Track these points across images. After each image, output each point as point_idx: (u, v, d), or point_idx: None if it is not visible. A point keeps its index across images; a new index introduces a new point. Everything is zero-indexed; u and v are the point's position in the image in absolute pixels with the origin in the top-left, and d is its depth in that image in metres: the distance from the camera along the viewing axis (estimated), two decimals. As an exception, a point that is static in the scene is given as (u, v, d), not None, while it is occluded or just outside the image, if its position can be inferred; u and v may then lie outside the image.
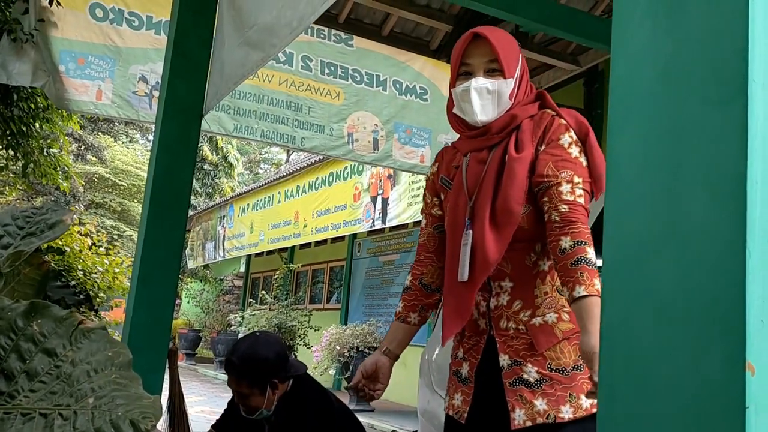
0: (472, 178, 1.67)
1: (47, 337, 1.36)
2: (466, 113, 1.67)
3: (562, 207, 1.52)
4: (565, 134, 1.59)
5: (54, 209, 2.01)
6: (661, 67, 0.76)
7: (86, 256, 4.76)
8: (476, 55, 1.66)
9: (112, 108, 4.69)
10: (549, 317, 1.59)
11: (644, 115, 0.77)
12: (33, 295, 2.40)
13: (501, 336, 1.63)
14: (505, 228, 1.57)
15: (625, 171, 0.79)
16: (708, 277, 0.67)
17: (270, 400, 2.20)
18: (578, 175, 1.55)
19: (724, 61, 0.68)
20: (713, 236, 0.67)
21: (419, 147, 5.71)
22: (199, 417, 6.87)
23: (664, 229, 0.72)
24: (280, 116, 5.24)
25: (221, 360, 13.31)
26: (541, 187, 1.57)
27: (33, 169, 5.08)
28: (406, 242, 10.35)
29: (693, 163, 0.70)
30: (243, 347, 2.24)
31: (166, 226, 3.40)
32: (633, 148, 0.78)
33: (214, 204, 15.23)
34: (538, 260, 1.63)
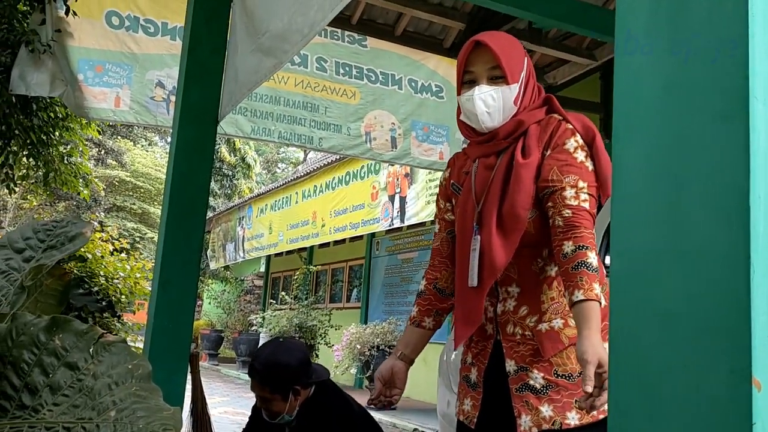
0: (480, 183, 1.68)
1: (69, 351, 1.38)
2: (472, 120, 1.68)
3: (565, 212, 1.53)
4: (570, 139, 1.59)
5: (74, 222, 2.04)
6: (663, 83, 0.76)
7: (108, 262, 4.82)
8: (478, 62, 1.67)
9: (130, 114, 4.74)
10: (555, 323, 1.59)
11: (647, 131, 0.78)
12: (56, 305, 2.44)
13: (508, 341, 1.64)
14: (512, 233, 1.58)
15: (629, 185, 0.79)
16: (713, 292, 0.68)
17: (292, 406, 2.22)
18: (583, 180, 1.56)
19: (725, 78, 0.69)
20: (717, 251, 0.68)
21: (437, 144, 5.71)
22: (222, 418, 6.93)
23: (669, 245, 0.72)
24: (297, 117, 5.26)
25: (243, 360, 13.41)
26: (546, 192, 1.58)
27: (54, 177, 5.15)
28: (424, 240, 10.35)
29: (696, 179, 0.71)
30: (266, 353, 2.26)
31: (185, 231, 3.44)
32: (636, 163, 0.79)
33: (233, 205, 15.32)
34: (545, 266, 1.64)
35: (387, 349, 8.33)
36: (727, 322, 0.66)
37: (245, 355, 13.51)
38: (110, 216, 26.62)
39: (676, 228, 0.72)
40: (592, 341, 1.38)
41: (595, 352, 1.36)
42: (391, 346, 8.38)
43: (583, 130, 1.61)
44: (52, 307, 2.45)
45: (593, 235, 1.52)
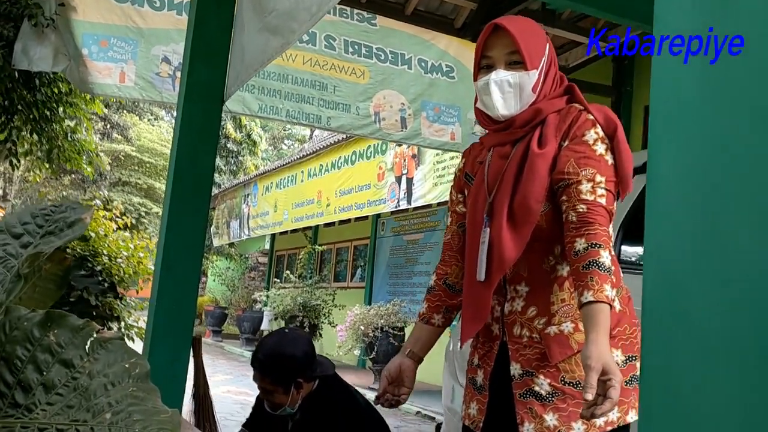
0: (493, 173, 1.60)
1: (64, 348, 1.32)
2: (488, 107, 1.60)
3: (580, 207, 1.44)
4: (590, 130, 1.50)
5: (73, 207, 1.97)
6: (705, 84, 0.68)
7: (111, 241, 4.76)
8: (497, 46, 1.58)
9: (135, 90, 4.66)
10: (565, 326, 1.50)
11: (685, 141, 0.69)
12: (55, 290, 2.38)
13: (514, 343, 1.56)
14: (523, 226, 1.50)
15: (664, 190, 0.71)
16: (755, 313, 0.61)
17: (294, 399, 2.17)
18: (601, 174, 1.46)
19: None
20: (760, 271, 0.60)
21: (449, 125, 5.62)
22: (225, 397, 6.92)
23: (707, 263, 0.65)
24: (305, 95, 5.17)
25: (247, 337, 13.44)
26: (561, 184, 1.48)
27: (58, 154, 5.08)
28: (430, 221, 10.28)
29: (739, 192, 0.63)
30: (270, 344, 2.20)
31: (189, 214, 3.37)
32: (673, 167, 0.71)
33: (238, 182, 15.26)
34: (556, 264, 1.55)
35: (391, 331, 8.30)
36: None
37: (249, 332, 13.54)
38: (116, 191, 26.61)
39: (713, 237, 0.65)
40: (599, 346, 1.30)
41: (600, 357, 1.28)
42: (395, 328, 8.35)
43: (605, 122, 1.52)
44: (52, 291, 2.39)
45: (608, 234, 1.43)
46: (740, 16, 0.61)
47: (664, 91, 0.72)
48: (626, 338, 1.51)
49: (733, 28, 0.61)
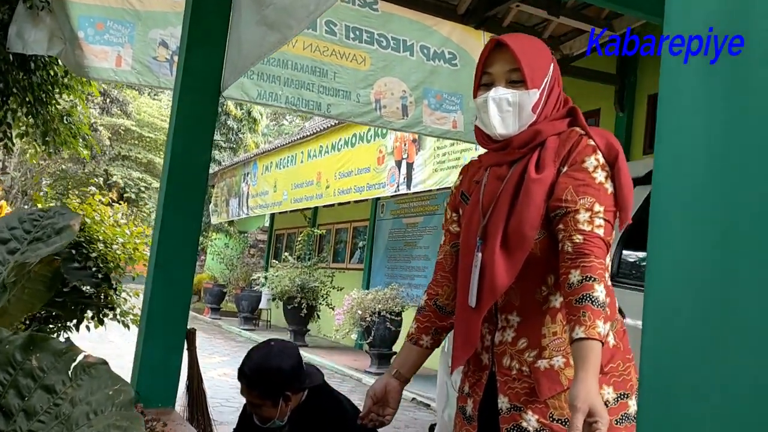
0: (489, 194, 1.55)
1: (46, 373, 1.29)
2: (486, 125, 1.55)
3: (576, 237, 1.38)
4: (591, 156, 1.44)
5: (61, 212, 1.93)
6: (713, 155, 0.63)
7: (107, 227, 4.72)
8: (497, 63, 1.53)
9: (132, 74, 4.59)
10: (556, 361, 1.44)
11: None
12: (44, 291, 2.34)
13: (503, 375, 1.51)
14: (516, 252, 1.44)
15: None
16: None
17: (282, 412, 2.13)
18: (600, 203, 1.40)
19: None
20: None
21: (451, 113, 5.55)
22: (221, 382, 6.93)
23: (716, 312, 0.61)
24: (305, 82, 5.09)
25: (245, 316, 13.47)
26: (558, 212, 1.42)
27: (53, 137, 5.02)
28: (430, 205, 10.23)
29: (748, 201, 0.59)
30: (256, 358, 2.16)
31: (183, 210, 3.33)
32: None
33: (238, 161, 15.19)
34: (549, 295, 1.49)
35: (388, 316, 8.29)
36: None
37: (247, 311, 13.57)
38: (115, 165, 26.53)
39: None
40: (587, 386, 1.25)
41: (587, 398, 1.23)
42: (392, 313, 8.33)
43: (606, 148, 1.46)
44: (41, 293, 2.35)
45: (604, 266, 1.37)
46: (740, 16, 0.59)
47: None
48: (618, 375, 1.46)
49: (733, 28, 0.59)
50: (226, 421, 4.70)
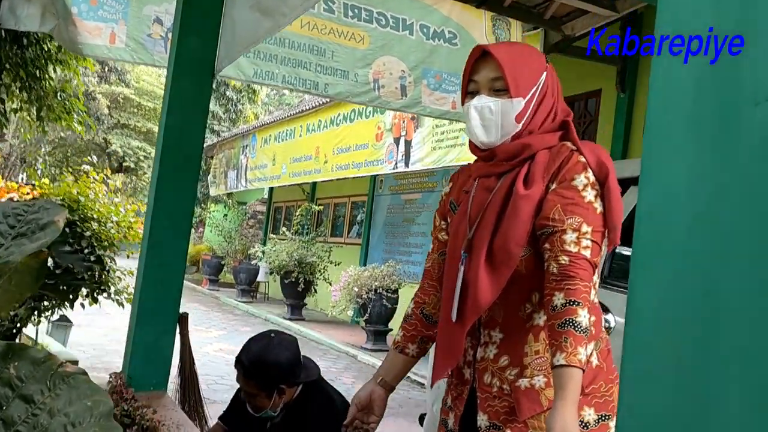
0: (476, 206, 1.52)
1: (25, 382, 1.27)
2: (470, 133, 1.52)
3: (562, 258, 1.35)
4: (581, 174, 1.41)
5: (46, 207, 1.90)
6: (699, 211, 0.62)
7: (102, 205, 4.70)
8: (482, 71, 1.50)
9: (126, 52, 4.53)
10: (537, 381, 1.42)
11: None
12: (31, 282, 2.33)
13: (483, 392, 1.49)
14: (501, 269, 1.42)
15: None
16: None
17: (276, 403, 2.14)
18: (588, 223, 1.37)
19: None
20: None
21: (450, 93, 5.49)
22: (217, 357, 6.96)
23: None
24: (302, 61, 5.03)
25: (243, 288, 13.51)
26: (545, 231, 1.39)
27: (47, 113, 4.97)
28: (429, 182, 10.20)
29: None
30: (255, 349, 2.15)
31: (176, 194, 3.31)
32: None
33: (237, 132, 15.10)
34: (533, 312, 1.46)
35: (384, 293, 8.30)
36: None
37: (245, 283, 13.60)
38: (114, 134, 26.42)
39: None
40: (564, 415, 1.23)
41: (563, 428, 1.22)
42: (389, 290, 8.35)
43: (597, 166, 1.42)
44: (28, 284, 2.34)
45: (589, 289, 1.34)
46: (740, 16, 0.59)
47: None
48: (600, 396, 1.43)
49: (733, 28, 0.59)
50: (220, 399, 4.73)
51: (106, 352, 6.28)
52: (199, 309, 11.36)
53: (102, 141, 26.66)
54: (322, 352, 8.26)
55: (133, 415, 2.73)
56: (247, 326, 9.90)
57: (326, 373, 6.75)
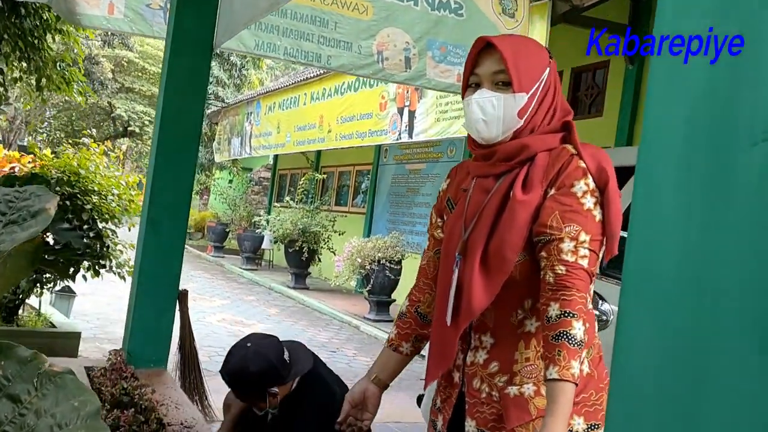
0: (472, 207, 1.48)
1: (11, 381, 1.26)
2: (470, 128, 1.48)
3: (558, 268, 1.32)
4: (580, 180, 1.37)
5: (38, 194, 1.88)
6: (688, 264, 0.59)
7: (103, 177, 4.68)
8: (485, 64, 1.45)
9: (124, 23, 4.45)
10: (526, 389, 1.41)
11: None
12: (26, 265, 2.32)
13: (472, 397, 1.47)
14: (496, 275, 1.39)
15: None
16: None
17: (272, 403, 2.13)
18: (586, 232, 1.33)
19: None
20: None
21: (455, 65, 5.39)
22: (219, 328, 6.99)
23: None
24: (304, 32, 4.94)
25: (247, 256, 13.56)
26: (542, 239, 1.36)
27: (46, 83, 4.92)
28: (433, 152, 10.14)
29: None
30: (233, 363, 2.13)
31: (175, 171, 3.28)
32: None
33: (242, 99, 14.99)
34: (524, 319, 1.44)
35: (387, 264, 8.31)
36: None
37: (249, 251, 13.65)
38: (119, 98, 26.30)
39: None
40: (555, 429, 1.23)
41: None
42: (392, 261, 8.35)
43: (597, 172, 1.38)
44: (23, 267, 2.32)
45: (585, 300, 1.32)
46: (740, 16, 0.57)
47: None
48: (591, 405, 1.42)
49: (733, 28, 0.57)
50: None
51: (110, 321, 6.31)
52: (203, 277, 11.42)
53: (107, 105, 26.58)
54: (324, 322, 8.31)
55: (132, 394, 2.73)
56: (251, 295, 9.96)
57: (329, 344, 6.83)
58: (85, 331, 5.50)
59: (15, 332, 4.51)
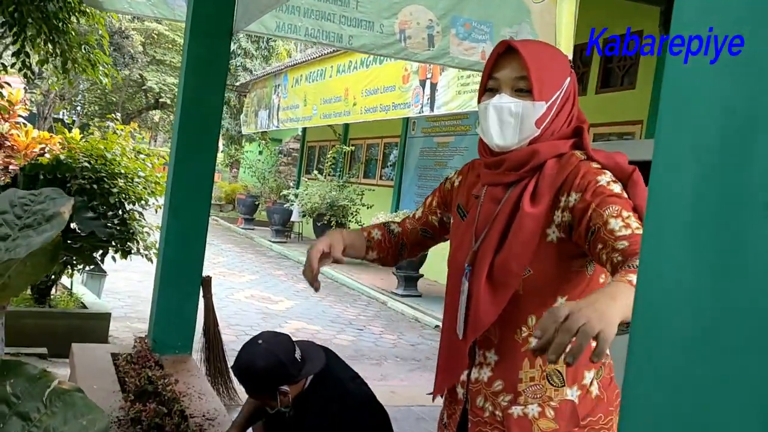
0: (483, 218, 1.45)
1: (21, 399, 1.26)
2: (485, 134, 1.42)
3: (620, 244, 1.19)
4: (600, 176, 1.31)
5: (52, 197, 1.87)
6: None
7: (130, 160, 4.70)
8: (505, 68, 1.39)
9: (146, 6, 4.42)
10: (530, 410, 1.37)
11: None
12: (46, 263, 2.32)
13: (475, 415, 1.44)
14: (503, 288, 1.36)
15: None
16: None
17: (284, 401, 2.12)
18: (626, 210, 1.25)
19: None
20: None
21: (480, 42, 5.26)
22: (247, 305, 7.05)
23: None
24: (325, 12, 4.86)
25: (277, 229, 13.63)
26: (589, 237, 1.27)
27: (72, 66, 4.94)
28: (461, 125, 10.02)
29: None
30: (243, 360, 2.12)
31: (196, 157, 3.28)
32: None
33: (270, 71, 14.94)
34: (529, 336, 1.39)
35: (415, 239, 8.26)
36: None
37: (279, 224, 13.71)
38: (150, 70, 26.45)
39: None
40: (592, 307, 0.98)
41: (577, 306, 0.99)
42: (419, 236, 8.30)
43: (615, 168, 1.34)
44: (43, 264, 2.33)
45: None
46: (740, 16, 0.57)
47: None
48: (599, 428, 1.38)
49: (733, 28, 0.57)
50: (249, 352, 4.80)
51: (141, 300, 6.40)
52: (233, 251, 11.52)
53: (138, 78, 26.76)
54: (352, 298, 8.33)
55: (156, 384, 2.76)
56: (279, 269, 10.02)
57: (356, 321, 6.85)
58: (115, 309, 5.59)
59: (47, 314, 4.59)
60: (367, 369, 4.74)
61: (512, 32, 5.11)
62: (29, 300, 4.63)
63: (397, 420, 4.14)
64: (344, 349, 5.74)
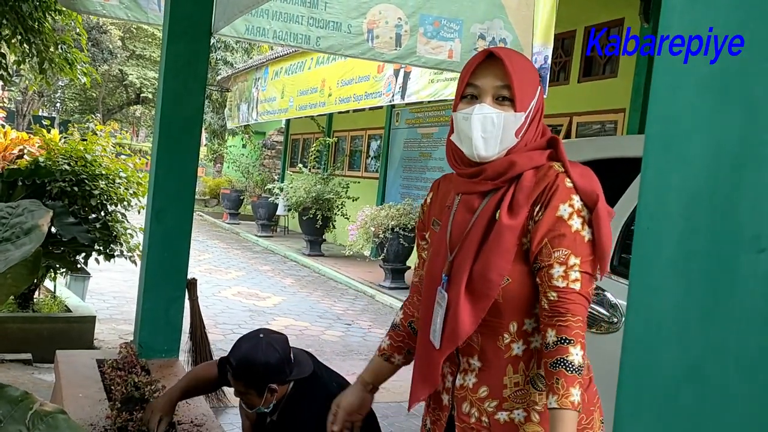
0: (457, 228, 1.45)
1: (3, 422, 1.24)
2: (464, 144, 1.41)
3: (551, 294, 1.31)
4: (566, 202, 1.33)
5: (30, 210, 1.84)
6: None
7: (111, 160, 4.65)
8: (487, 76, 1.38)
9: (120, 9, 4.35)
10: (516, 414, 1.39)
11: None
12: (27, 275, 2.29)
13: (461, 422, 1.45)
14: (481, 298, 1.36)
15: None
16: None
17: (267, 401, 2.12)
18: (576, 255, 1.31)
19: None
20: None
21: (447, 41, 5.23)
22: (234, 303, 7.01)
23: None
24: (293, 14, 4.81)
25: (262, 223, 13.59)
26: (535, 266, 1.36)
27: (49, 66, 4.87)
28: (445, 116, 10.00)
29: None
30: (244, 349, 2.12)
31: (178, 158, 3.25)
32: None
33: (251, 65, 14.83)
34: (511, 342, 1.40)
35: (401, 232, 8.26)
36: None
37: (264, 218, 13.68)
38: (130, 65, 26.20)
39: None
40: None
41: None
42: (405, 229, 8.30)
43: (585, 191, 1.35)
44: (23, 276, 2.30)
45: (582, 324, 1.29)
46: (740, 16, 0.58)
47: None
48: (581, 428, 1.39)
49: (733, 28, 0.58)
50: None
51: (126, 300, 6.35)
52: (218, 247, 11.46)
53: (118, 73, 26.49)
54: (340, 292, 8.32)
55: (143, 390, 2.73)
56: (266, 264, 9.99)
57: (344, 316, 6.84)
58: (100, 311, 5.55)
59: (31, 318, 4.54)
60: (356, 365, 4.73)
61: (483, 28, 5.08)
62: (12, 305, 4.58)
63: (388, 416, 4.14)
64: (333, 345, 5.73)
